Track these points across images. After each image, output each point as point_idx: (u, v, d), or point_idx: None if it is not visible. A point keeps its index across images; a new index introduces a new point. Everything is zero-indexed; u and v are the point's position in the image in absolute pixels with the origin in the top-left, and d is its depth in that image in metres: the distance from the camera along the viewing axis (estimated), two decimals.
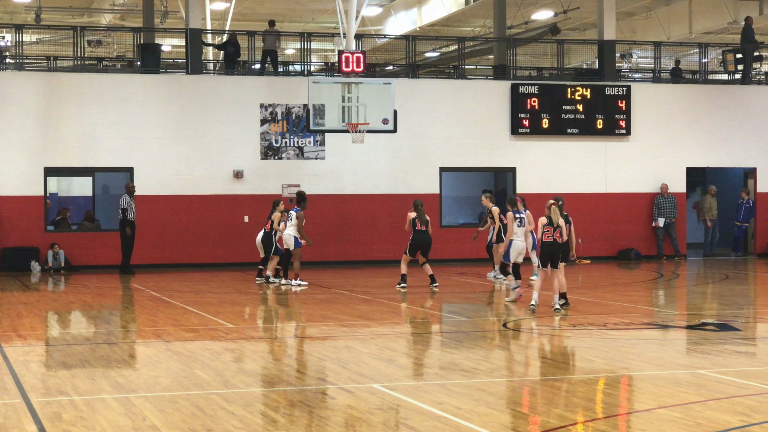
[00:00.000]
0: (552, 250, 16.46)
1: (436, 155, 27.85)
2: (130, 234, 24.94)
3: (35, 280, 23.66)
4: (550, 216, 16.35)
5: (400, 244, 23.77)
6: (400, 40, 32.23)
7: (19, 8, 36.94)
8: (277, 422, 8.92)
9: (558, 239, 16.41)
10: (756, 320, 16.23)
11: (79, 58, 27.28)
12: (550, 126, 28.41)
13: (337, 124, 22.94)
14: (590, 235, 28.81)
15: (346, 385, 10.51)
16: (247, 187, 26.81)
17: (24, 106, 25.73)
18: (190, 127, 26.56)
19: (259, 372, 11.59)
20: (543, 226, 16.43)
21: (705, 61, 32.77)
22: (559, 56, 30.63)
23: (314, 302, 18.91)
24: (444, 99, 28.11)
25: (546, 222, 16.39)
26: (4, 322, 15.54)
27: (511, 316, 16.52)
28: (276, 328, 15.81)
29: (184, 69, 27.64)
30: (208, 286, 21.89)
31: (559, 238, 16.42)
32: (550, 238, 16.41)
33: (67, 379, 10.81)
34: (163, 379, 10.87)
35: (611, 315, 16.25)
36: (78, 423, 8.74)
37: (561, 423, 8.74)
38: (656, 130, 29.33)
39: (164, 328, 15.09)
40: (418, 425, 8.65)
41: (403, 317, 16.99)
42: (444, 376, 11.18)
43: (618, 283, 23.07)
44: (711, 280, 23.84)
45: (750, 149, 30.05)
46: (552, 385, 10.65)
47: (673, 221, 29.07)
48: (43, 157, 25.72)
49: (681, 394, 9.90)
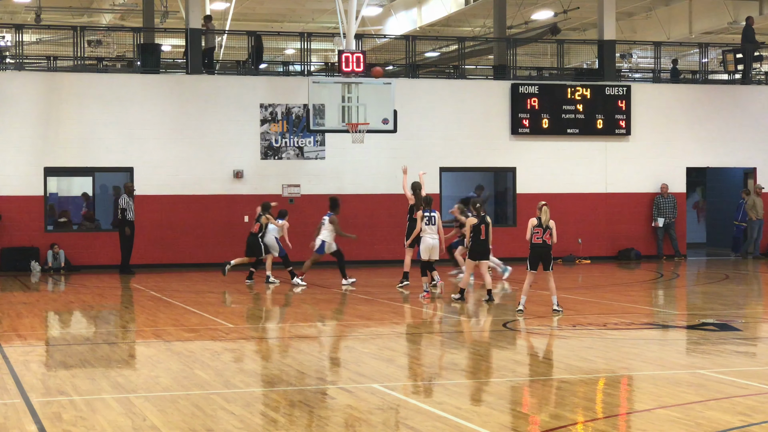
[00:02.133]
0: (542, 252, 16.23)
1: (436, 155, 27.85)
2: (129, 234, 24.93)
3: (35, 280, 23.66)
4: (540, 217, 16.16)
5: (400, 244, 23.76)
6: (400, 40, 32.23)
7: (19, 8, 36.92)
8: (277, 422, 8.92)
9: (548, 240, 16.19)
10: (756, 320, 16.23)
11: (79, 58, 27.28)
12: (550, 126, 28.41)
13: (337, 124, 22.95)
14: (590, 235, 28.82)
15: (346, 385, 10.51)
16: (247, 187, 26.81)
17: (24, 106, 25.73)
18: (190, 127, 26.57)
19: (259, 372, 11.59)
20: (532, 227, 16.19)
21: (705, 61, 32.77)
22: (559, 56, 30.63)
23: (314, 302, 18.91)
24: (444, 99, 28.12)
25: (536, 223, 16.14)
26: (4, 322, 15.54)
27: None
28: (276, 328, 15.81)
29: (184, 69, 27.64)
30: (208, 286, 21.89)
31: (548, 240, 16.20)
32: (539, 239, 16.18)
33: (67, 379, 10.81)
34: (163, 379, 10.86)
35: (611, 315, 16.25)
36: (78, 423, 8.74)
37: (561, 423, 8.74)
38: (656, 130, 29.33)
39: (164, 328, 15.09)
40: (418, 425, 8.65)
41: (404, 317, 16.99)
42: (444, 376, 11.18)
43: (618, 283, 23.08)
44: (711, 280, 23.85)
45: (750, 149, 30.05)
46: (552, 385, 10.65)
47: (673, 221, 29.07)
48: (43, 157, 25.72)
49: (681, 394, 9.90)
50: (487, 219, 17.82)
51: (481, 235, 17.69)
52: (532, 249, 16.28)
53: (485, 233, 17.71)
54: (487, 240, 17.80)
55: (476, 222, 17.71)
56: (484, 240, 17.73)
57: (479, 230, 17.68)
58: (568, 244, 28.40)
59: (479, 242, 17.72)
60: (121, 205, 24.84)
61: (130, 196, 25.03)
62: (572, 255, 28.38)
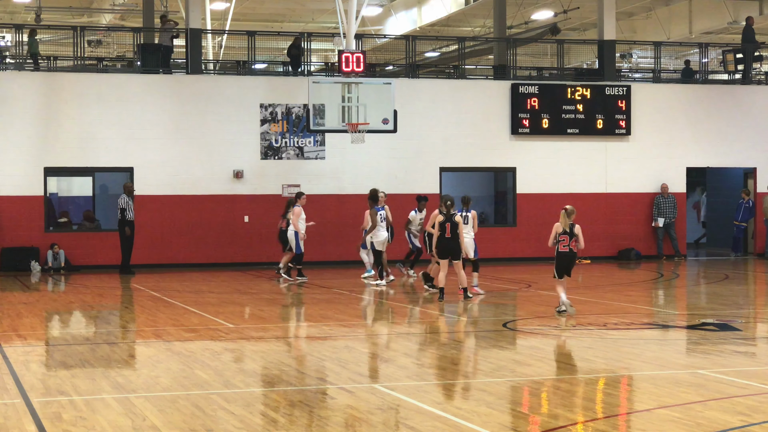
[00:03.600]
0: (569, 260, 15.92)
1: (436, 155, 27.84)
2: (130, 234, 24.92)
3: (35, 280, 23.66)
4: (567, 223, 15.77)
5: (400, 244, 23.78)
6: (400, 40, 32.24)
7: (19, 8, 36.94)
8: (277, 422, 8.92)
9: (573, 248, 15.84)
10: (756, 320, 16.23)
11: (79, 58, 27.28)
12: (550, 126, 28.40)
13: (337, 124, 22.95)
14: (590, 235, 28.63)
15: (346, 385, 10.51)
16: (247, 187, 26.80)
17: (24, 106, 25.72)
18: (190, 127, 26.56)
19: (259, 372, 11.59)
20: (557, 235, 15.84)
21: (705, 61, 32.77)
22: (559, 56, 30.63)
23: (314, 302, 18.91)
24: (444, 99, 28.11)
25: (560, 230, 15.80)
26: (4, 322, 15.54)
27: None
28: (276, 328, 15.80)
29: (184, 69, 27.64)
30: (208, 286, 21.89)
31: (574, 247, 15.84)
32: (566, 247, 15.86)
33: (67, 379, 10.81)
34: (163, 379, 10.86)
35: (611, 315, 16.25)
36: (78, 423, 8.74)
37: (561, 423, 8.74)
38: (656, 130, 29.33)
39: (164, 328, 15.09)
40: (418, 425, 8.65)
41: (404, 317, 16.99)
42: (444, 376, 11.18)
43: (618, 283, 23.07)
44: (711, 280, 23.84)
45: (750, 149, 30.04)
46: (552, 385, 10.65)
47: (673, 221, 29.07)
48: (43, 157, 25.71)
49: (681, 394, 9.90)
50: (454, 218, 17.85)
51: (446, 233, 17.79)
52: (559, 258, 15.92)
53: (450, 231, 17.76)
54: (453, 238, 17.79)
55: (442, 219, 17.84)
56: (449, 238, 17.80)
57: (444, 228, 17.79)
58: None
59: (444, 240, 17.83)
60: (120, 205, 24.83)
61: (130, 196, 25.01)
62: None
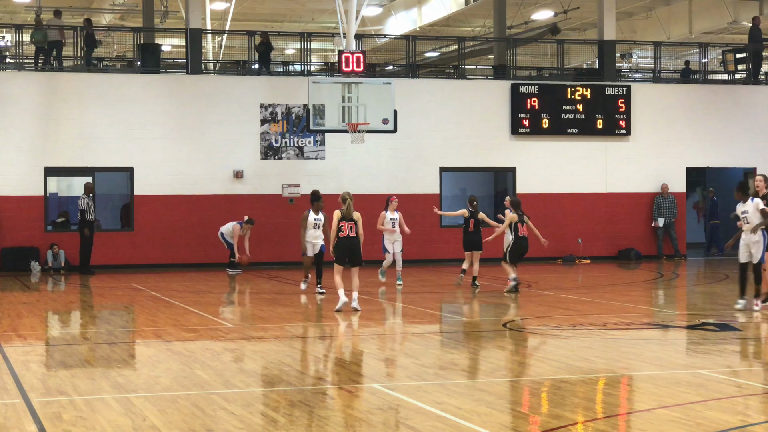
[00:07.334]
0: None
1: (436, 155, 27.85)
2: (88, 235, 24.84)
3: (35, 280, 23.66)
4: None
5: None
6: (400, 40, 32.25)
7: (19, 8, 36.93)
8: (277, 422, 8.91)
9: None
10: (756, 320, 16.22)
11: (79, 58, 27.27)
12: (550, 126, 28.41)
13: (337, 124, 22.95)
14: (590, 235, 28.82)
15: (346, 385, 10.50)
16: (247, 187, 26.81)
17: (24, 106, 25.73)
18: (190, 127, 26.57)
19: (259, 372, 11.58)
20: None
21: (705, 61, 32.77)
22: (559, 56, 30.63)
23: (314, 302, 18.90)
24: (444, 99, 28.11)
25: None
26: (4, 322, 15.54)
27: (508, 315, 16.52)
28: (276, 328, 15.80)
29: (184, 69, 27.64)
30: (208, 286, 21.89)
31: None
32: None
33: (67, 379, 10.81)
34: (163, 379, 10.86)
35: (611, 315, 16.24)
36: (78, 423, 8.74)
37: (561, 423, 8.73)
38: (656, 130, 29.33)
39: (164, 328, 15.09)
40: (418, 425, 8.65)
41: (403, 318, 16.99)
42: (444, 376, 11.18)
43: (618, 283, 23.06)
44: (711, 280, 23.84)
45: (750, 149, 30.05)
46: (552, 385, 10.65)
47: (673, 221, 29.07)
48: (43, 157, 25.72)
49: (681, 394, 9.89)
50: (478, 215, 20.38)
51: (470, 228, 20.41)
52: None
53: (474, 227, 20.38)
54: (476, 232, 20.40)
55: (467, 215, 20.44)
56: (472, 232, 20.42)
57: (468, 223, 20.41)
58: (568, 244, 28.42)
59: (468, 234, 20.46)
60: (80, 206, 24.73)
61: (89, 196, 24.90)
62: (572, 255, 28.38)
